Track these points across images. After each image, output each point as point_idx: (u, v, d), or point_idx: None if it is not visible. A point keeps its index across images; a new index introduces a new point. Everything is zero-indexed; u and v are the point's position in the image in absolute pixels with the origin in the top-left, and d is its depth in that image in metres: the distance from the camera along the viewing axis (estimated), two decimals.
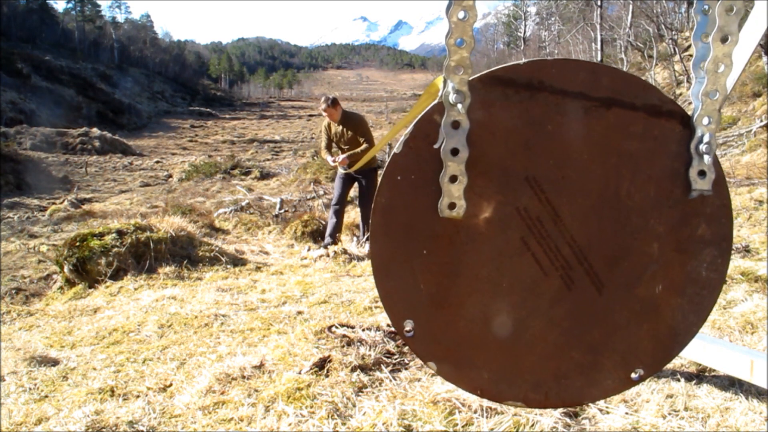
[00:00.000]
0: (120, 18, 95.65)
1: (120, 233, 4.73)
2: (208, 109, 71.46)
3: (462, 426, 1.67)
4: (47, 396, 2.19)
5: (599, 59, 31.32)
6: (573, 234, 0.87)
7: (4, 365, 2.55)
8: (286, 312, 3.23)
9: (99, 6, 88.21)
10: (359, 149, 5.65)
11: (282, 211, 9.05)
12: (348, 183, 5.90)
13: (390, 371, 2.13)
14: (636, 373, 0.92)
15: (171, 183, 18.44)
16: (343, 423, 1.76)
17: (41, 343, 2.97)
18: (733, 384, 1.86)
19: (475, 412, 1.72)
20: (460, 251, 0.85)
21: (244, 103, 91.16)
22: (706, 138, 0.86)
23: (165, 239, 4.87)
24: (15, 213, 11.77)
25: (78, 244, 4.62)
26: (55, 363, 2.60)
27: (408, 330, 0.86)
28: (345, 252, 5.23)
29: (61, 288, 4.65)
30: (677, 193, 0.88)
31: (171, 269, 4.58)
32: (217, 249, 5.23)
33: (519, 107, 0.83)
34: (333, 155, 5.80)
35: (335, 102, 5.66)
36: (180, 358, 2.55)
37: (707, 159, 0.86)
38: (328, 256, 5.20)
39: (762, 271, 3.32)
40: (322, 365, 2.17)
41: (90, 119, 43.99)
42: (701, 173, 0.87)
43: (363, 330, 2.51)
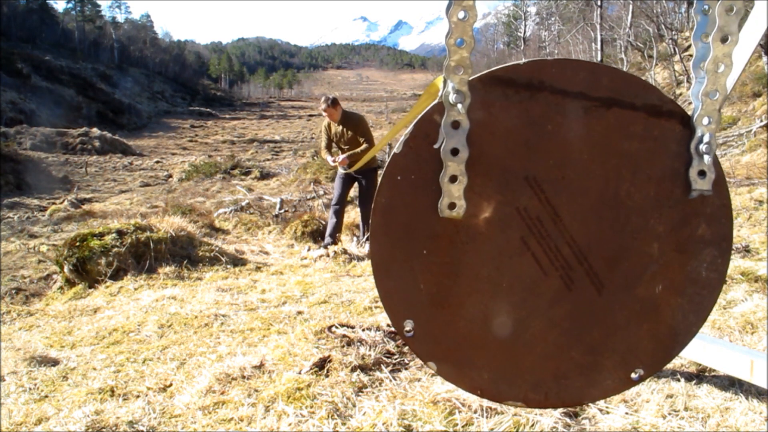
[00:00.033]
0: (120, 18, 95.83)
1: (120, 233, 4.73)
2: (208, 109, 71.46)
3: (462, 426, 1.67)
4: (47, 396, 2.19)
5: (599, 59, 31.31)
6: (573, 234, 0.87)
7: (4, 365, 2.55)
8: (286, 312, 3.23)
9: (99, 6, 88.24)
10: (359, 149, 5.65)
11: (282, 211, 9.05)
12: (348, 183, 5.90)
13: (390, 371, 2.13)
14: (636, 373, 0.92)
15: (171, 183, 18.44)
16: (343, 423, 1.76)
17: (41, 343, 2.97)
18: (733, 384, 1.86)
19: (475, 412, 1.72)
20: (460, 251, 0.85)
21: (244, 103, 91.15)
22: (706, 138, 0.86)
23: (165, 239, 4.87)
24: (15, 213, 11.77)
25: (78, 244, 4.62)
26: (55, 363, 2.60)
27: (408, 330, 0.86)
28: (345, 252, 5.23)
29: (61, 288, 4.65)
30: (677, 193, 0.88)
31: (171, 269, 4.58)
32: (217, 249, 5.23)
33: (519, 107, 0.83)
34: (333, 155, 5.80)
35: (335, 102, 5.66)
36: (180, 358, 2.55)
37: (707, 159, 0.86)
38: (328, 256, 5.20)
39: (762, 271, 3.32)
40: (322, 365, 2.17)
41: (90, 119, 44.00)
42: (701, 173, 0.87)
43: (363, 330, 2.51)
